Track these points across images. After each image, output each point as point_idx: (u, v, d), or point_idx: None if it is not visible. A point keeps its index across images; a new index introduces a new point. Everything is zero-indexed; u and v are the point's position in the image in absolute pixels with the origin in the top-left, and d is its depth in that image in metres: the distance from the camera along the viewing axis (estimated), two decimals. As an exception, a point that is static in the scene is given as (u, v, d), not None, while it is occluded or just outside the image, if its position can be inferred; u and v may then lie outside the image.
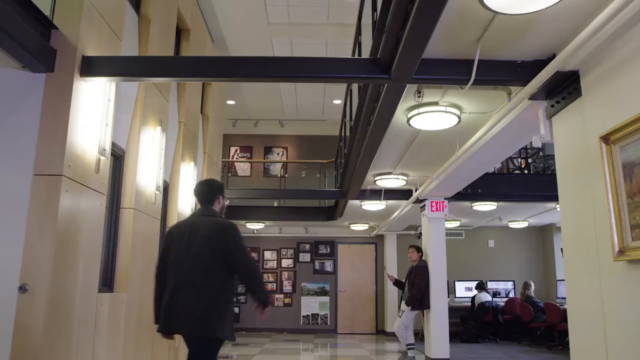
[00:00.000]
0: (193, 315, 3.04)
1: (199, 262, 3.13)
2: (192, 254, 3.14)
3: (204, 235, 3.17)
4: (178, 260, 3.19)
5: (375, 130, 4.66)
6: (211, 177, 3.89)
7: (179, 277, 3.14)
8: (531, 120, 3.94)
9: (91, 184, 3.66)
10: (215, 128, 8.27)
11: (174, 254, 3.22)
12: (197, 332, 3.08)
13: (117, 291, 4.39)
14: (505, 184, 8.11)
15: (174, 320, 3.09)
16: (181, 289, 3.11)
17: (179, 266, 3.17)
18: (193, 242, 3.17)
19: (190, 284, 3.10)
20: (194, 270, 3.12)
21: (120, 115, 4.43)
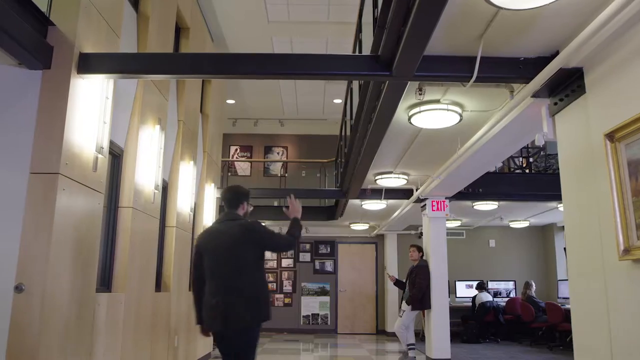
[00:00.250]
0: (236, 313, 3.34)
1: (231, 264, 3.43)
2: (224, 258, 3.45)
3: (231, 238, 3.46)
4: (213, 265, 3.49)
5: (376, 128, 4.62)
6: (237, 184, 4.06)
7: (217, 281, 3.45)
8: (534, 118, 3.90)
9: (89, 183, 3.62)
10: (215, 127, 8.23)
11: (208, 260, 3.52)
12: (241, 327, 3.37)
13: (115, 291, 4.35)
14: (507, 183, 8.06)
15: (221, 321, 3.36)
16: (221, 291, 3.41)
17: (214, 271, 3.48)
18: (222, 246, 3.47)
19: (228, 286, 3.41)
20: (229, 272, 3.43)
21: (118, 113, 4.39)
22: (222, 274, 3.45)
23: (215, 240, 3.52)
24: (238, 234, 3.45)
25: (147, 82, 4.84)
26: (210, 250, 3.53)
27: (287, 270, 12.80)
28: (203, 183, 7.50)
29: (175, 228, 5.92)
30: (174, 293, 5.87)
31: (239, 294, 3.38)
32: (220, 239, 3.50)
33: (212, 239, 3.57)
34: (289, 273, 12.77)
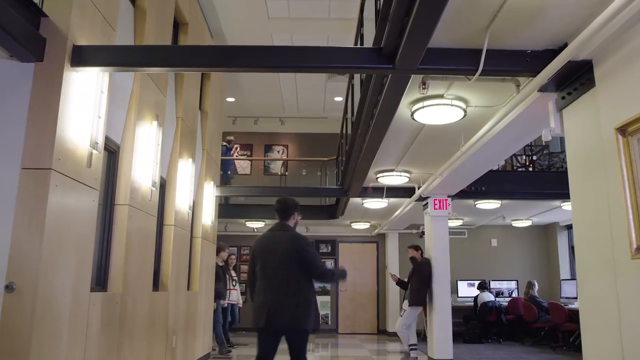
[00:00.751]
0: (285, 313, 3.75)
1: (282, 270, 3.83)
2: (276, 264, 3.86)
3: (284, 248, 3.87)
4: (265, 268, 3.90)
5: (378, 124, 4.51)
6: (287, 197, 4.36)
7: (269, 282, 3.86)
8: (540, 113, 3.80)
9: (83, 179, 3.52)
10: (214, 125, 8.13)
11: (261, 263, 3.94)
12: (289, 326, 3.76)
13: (111, 290, 4.25)
14: (510, 181, 7.96)
15: (271, 319, 3.75)
16: (271, 292, 3.83)
17: (267, 274, 3.89)
18: (275, 253, 3.88)
19: (277, 289, 3.81)
20: (279, 276, 3.83)
21: (114, 109, 4.28)
22: (270, 278, 3.87)
23: (268, 247, 3.96)
24: (288, 244, 3.88)
25: (144, 78, 4.74)
26: (262, 255, 3.95)
27: (287, 269, 12.67)
28: (202, 181, 7.40)
29: (174, 227, 5.82)
30: (172, 292, 5.77)
31: (285, 297, 3.78)
32: (272, 246, 3.94)
33: (265, 246, 3.99)
34: (289, 272, 12.65)
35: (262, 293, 3.87)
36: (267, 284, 3.86)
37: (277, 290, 3.82)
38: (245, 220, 11.45)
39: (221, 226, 11.40)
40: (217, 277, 8.13)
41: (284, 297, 3.79)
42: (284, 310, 3.76)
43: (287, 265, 3.83)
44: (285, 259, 3.84)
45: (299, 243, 3.91)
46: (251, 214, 11.05)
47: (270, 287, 3.85)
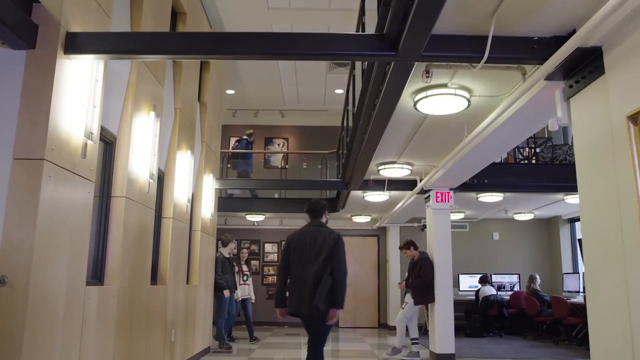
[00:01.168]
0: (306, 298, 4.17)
1: (316, 261, 4.25)
2: (311, 256, 4.28)
3: (320, 242, 4.31)
4: (300, 259, 4.32)
5: (380, 115, 4.42)
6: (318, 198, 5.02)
7: (303, 272, 4.27)
8: (547, 102, 3.70)
9: (77, 170, 3.42)
10: (213, 117, 8.03)
11: (297, 255, 4.36)
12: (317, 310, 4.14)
13: (108, 284, 4.17)
14: (513, 174, 7.86)
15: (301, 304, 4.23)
16: (304, 281, 4.24)
17: (302, 264, 4.31)
18: (311, 247, 4.32)
19: (310, 278, 4.21)
20: (313, 267, 4.24)
21: (110, 98, 4.19)
22: (308, 268, 4.26)
23: (305, 240, 4.37)
24: (325, 238, 4.32)
25: (141, 67, 4.64)
26: (300, 247, 4.36)
27: (287, 263, 12.61)
28: (201, 174, 7.31)
29: (172, 219, 5.74)
30: (170, 286, 5.69)
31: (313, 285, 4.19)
32: (309, 239, 4.36)
33: (303, 239, 4.40)
34: (289, 266, 12.58)
35: (297, 282, 4.32)
36: (305, 273, 4.27)
37: (308, 280, 4.22)
38: (246, 214, 11.37)
39: (221, 220, 11.32)
40: (222, 269, 8.00)
41: (312, 285, 4.19)
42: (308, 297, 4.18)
43: (324, 257, 4.26)
44: (321, 252, 4.27)
45: (334, 240, 4.32)
46: (251, 207, 10.97)
47: (304, 277, 4.26)
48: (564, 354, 8.03)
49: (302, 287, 4.23)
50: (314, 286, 4.17)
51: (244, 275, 8.99)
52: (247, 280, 9.03)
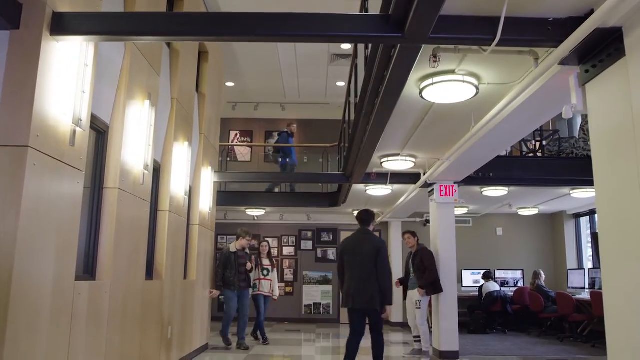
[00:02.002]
0: (365, 296, 5.04)
1: (364, 264, 5.08)
2: (360, 259, 5.12)
3: (367, 247, 5.15)
4: (352, 262, 5.18)
5: (384, 103, 4.23)
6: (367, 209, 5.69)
7: (354, 273, 5.14)
8: (560, 88, 3.52)
9: (65, 159, 3.25)
10: (212, 108, 7.84)
11: (349, 258, 5.22)
12: (369, 306, 5.06)
13: (100, 279, 4.00)
14: (518, 167, 7.67)
15: (355, 300, 5.09)
16: (355, 280, 5.11)
17: (353, 266, 5.16)
18: (360, 251, 5.16)
19: (359, 277, 5.09)
20: (362, 268, 5.09)
21: (102, 86, 4.02)
22: (357, 269, 5.11)
23: (356, 245, 5.25)
24: (372, 245, 5.17)
25: (134, 54, 4.45)
26: (350, 251, 5.24)
27: (288, 258, 12.47)
28: (199, 166, 7.13)
29: (169, 212, 5.57)
30: (167, 281, 5.53)
31: (366, 284, 5.04)
32: (359, 245, 5.23)
33: (352, 244, 5.29)
34: (290, 261, 12.44)
35: (350, 281, 5.14)
36: (354, 275, 5.13)
37: (360, 280, 5.07)
38: (246, 208, 11.20)
39: (220, 214, 11.16)
40: (225, 264, 7.57)
41: (365, 284, 5.05)
42: (365, 295, 5.03)
43: (369, 260, 5.06)
44: (368, 256, 5.08)
45: (380, 245, 5.19)
46: (251, 201, 10.79)
47: (356, 277, 5.10)
48: (569, 351, 7.86)
49: (354, 286, 5.09)
50: (364, 287, 5.04)
51: (263, 270, 8.31)
52: (267, 275, 8.34)
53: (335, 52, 9.77)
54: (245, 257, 7.83)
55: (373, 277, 5.02)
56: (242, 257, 7.75)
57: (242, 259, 7.75)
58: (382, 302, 5.02)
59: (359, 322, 5.15)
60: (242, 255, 7.77)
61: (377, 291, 5.01)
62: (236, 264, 7.60)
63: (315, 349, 8.05)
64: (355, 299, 5.05)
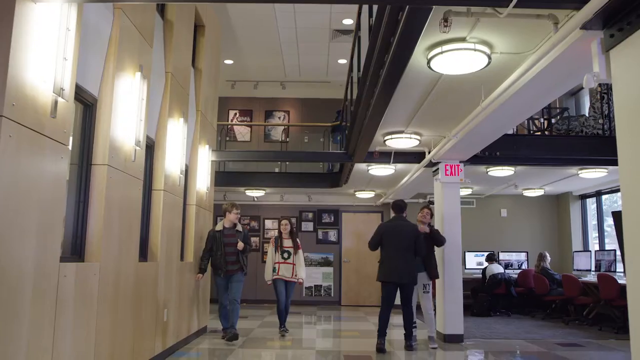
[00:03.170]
0: (403, 272, 6.09)
1: (403, 245, 6.15)
2: (399, 241, 6.18)
3: (406, 232, 6.22)
4: (391, 244, 6.21)
5: (389, 74, 3.96)
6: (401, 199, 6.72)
7: (394, 253, 6.18)
8: (581, 56, 3.26)
9: (47, 131, 3.01)
10: (209, 85, 7.57)
11: (388, 240, 6.25)
12: (405, 280, 6.09)
13: (89, 260, 3.78)
14: (526, 146, 7.42)
15: (391, 275, 6.14)
16: (394, 259, 6.16)
17: (392, 247, 6.20)
18: (399, 235, 6.21)
19: (400, 256, 6.13)
20: (401, 249, 6.15)
21: (90, 56, 3.76)
22: (396, 250, 6.16)
23: (394, 230, 6.27)
24: (409, 230, 6.25)
25: (124, 23, 4.18)
26: (389, 235, 6.26)
27: (288, 240, 12.26)
28: (196, 144, 6.88)
29: (163, 192, 5.34)
30: (162, 263, 5.32)
31: (405, 263, 6.10)
32: (397, 230, 6.27)
33: (392, 229, 6.31)
34: (290, 243, 12.25)
35: (390, 259, 6.18)
36: (394, 254, 6.16)
37: (401, 259, 6.11)
38: (245, 189, 10.98)
39: (220, 195, 10.95)
40: (210, 246, 6.60)
41: (405, 263, 6.09)
42: (404, 271, 6.06)
43: (408, 243, 6.14)
44: (406, 240, 6.16)
45: (416, 232, 6.25)
46: (251, 181, 10.58)
47: (396, 256, 6.14)
48: (576, 334, 7.70)
49: (395, 264, 6.10)
50: (404, 264, 6.07)
51: (284, 253, 7.21)
52: (288, 259, 7.21)
53: (336, 28, 9.46)
54: (235, 236, 6.66)
55: (410, 257, 6.10)
56: (229, 236, 6.63)
57: (230, 237, 6.63)
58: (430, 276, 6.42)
59: (392, 295, 6.16)
60: (229, 234, 6.65)
61: (414, 269, 6.12)
62: (222, 244, 6.56)
63: (316, 332, 7.89)
64: (394, 274, 6.08)
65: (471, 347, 6.60)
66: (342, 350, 6.55)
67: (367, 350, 6.21)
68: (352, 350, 6.52)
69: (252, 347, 6.44)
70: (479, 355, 6.31)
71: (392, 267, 6.10)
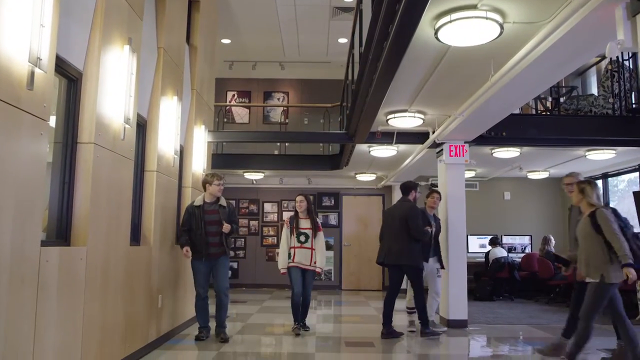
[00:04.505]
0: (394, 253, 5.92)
1: (395, 226, 5.93)
2: (392, 221, 6.01)
3: (400, 213, 5.96)
4: (386, 225, 6.16)
5: (394, 45, 3.71)
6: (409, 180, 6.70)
7: (387, 234, 6.09)
8: (603, 23, 3.00)
9: (23, 105, 2.76)
10: (205, 64, 7.30)
11: (385, 222, 6.24)
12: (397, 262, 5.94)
13: (75, 244, 3.57)
14: (533, 126, 7.17)
15: (381, 256, 6.07)
16: (387, 240, 6.06)
17: (387, 228, 6.12)
18: (392, 216, 6.07)
19: (392, 238, 5.97)
20: (393, 229, 5.95)
21: (73, 27, 3.51)
22: (389, 231, 6.04)
23: (390, 212, 6.23)
24: (402, 211, 5.97)
25: (111, -8, 3.91)
26: (386, 217, 6.30)
27: (288, 223, 12.07)
28: (191, 124, 6.63)
29: (156, 172, 5.11)
30: (155, 247, 5.12)
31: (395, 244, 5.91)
32: (392, 211, 6.18)
33: (389, 212, 6.32)
34: (290, 227, 12.05)
35: (384, 241, 6.12)
36: (387, 236, 6.06)
37: (393, 240, 5.94)
38: (244, 172, 10.75)
39: (217, 178, 10.71)
40: (187, 224, 5.48)
41: (396, 244, 5.89)
42: (395, 252, 5.90)
43: (400, 224, 5.87)
44: (397, 220, 5.91)
45: (409, 212, 5.89)
46: (250, 164, 10.34)
47: (389, 238, 6.01)
48: (582, 319, 7.51)
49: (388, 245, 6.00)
50: (395, 246, 5.90)
51: (300, 235, 6.03)
52: (306, 242, 6.02)
53: (337, 5, 9.15)
54: (218, 212, 5.52)
55: (402, 237, 5.82)
56: (211, 212, 5.50)
57: (212, 213, 5.50)
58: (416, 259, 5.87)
59: (393, 279, 6.06)
60: (211, 210, 5.51)
61: (406, 250, 5.80)
62: (202, 222, 5.43)
63: (316, 317, 7.72)
64: (386, 255, 5.97)
65: (476, 333, 6.42)
66: (343, 336, 6.38)
67: (369, 336, 6.04)
68: (353, 336, 6.35)
69: (250, 333, 6.27)
70: (483, 341, 6.13)
71: (384, 248, 6.01)
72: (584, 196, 4.35)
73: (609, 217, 4.12)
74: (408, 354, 5.35)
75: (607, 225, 4.08)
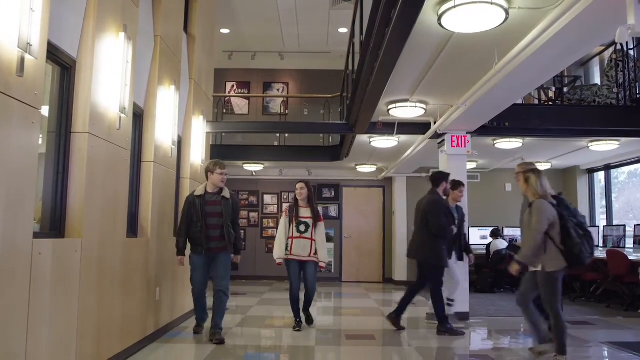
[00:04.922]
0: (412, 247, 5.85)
1: (417, 221, 5.82)
2: (418, 216, 5.76)
3: (423, 207, 5.69)
4: (415, 219, 5.93)
5: (396, 31, 3.61)
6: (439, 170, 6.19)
7: (415, 228, 5.92)
8: (614, 7, 2.90)
9: (13, 92, 2.67)
10: (204, 53, 7.19)
11: (416, 215, 5.93)
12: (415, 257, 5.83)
13: (70, 236, 3.49)
14: (536, 116, 7.06)
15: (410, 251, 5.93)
16: (414, 235, 5.86)
17: (415, 222, 5.92)
18: (419, 209, 5.79)
19: (415, 232, 5.84)
20: (416, 224, 5.84)
21: (65, 13, 3.42)
22: (415, 225, 5.91)
23: (419, 204, 5.88)
24: (423, 205, 5.73)
25: (105, -24, 3.81)
26: (416, 209, 5.95)
27: (288, 215, 12.00)
28: (189, 115, 6.53)
29: (154, 163, 5.02)
30: (153, 239, 5.04)
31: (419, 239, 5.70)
32: (420, 204, 5.83)
33: (419, 203, 5.91)
34: (290, 218, 11.98)
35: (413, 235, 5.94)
36: (415, 229, 5.92)
37: (415, 234, 5.82)
38: (243, 163, 10.67)
39: (217, 169, 10.62)
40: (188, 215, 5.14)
41: (416, 238, 5.77)
42: (413, 247, 5.80)
43: (421, 218, 5.66)
44: (419, 214, 5.74)
45: (428, 207, 5.61)
46: (249, 155, 10.25)
47: (414, 232, 5.90)
48: (584, 312, 7.47)
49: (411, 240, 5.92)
50: (414, 240, 5.79)
51: (299, 225, 5.76)
52: (305, 232, 5.74)
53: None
54: (220, 203, 5.12)
55: (422, 232, 5.64)
56: (213, 203, 5.12)
57: (214, 205, 5.12)
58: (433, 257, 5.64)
59: (418, 272, 5.91)
60: (213, 201, 5.12)
61: (424, 245, 5.61)
62: (202, 213, 5.07)
63: (316, 309, 7.66)
64: (409, 249, 5.94)
65: (478, 326, 6.37)
66: (343, 329, 6.32)
67: (369, 328, 5.98)
68: (353, 328, 6.29)
69: (250, 326, 6.21)
70: (486, 333, 6.07)
71: (411, 241, 5.99)
72: (529, 186, 4.37)
73: (542, 209, 4.11)
74: (409, 347, 5.28)
75: (535, 217, 4.10)
